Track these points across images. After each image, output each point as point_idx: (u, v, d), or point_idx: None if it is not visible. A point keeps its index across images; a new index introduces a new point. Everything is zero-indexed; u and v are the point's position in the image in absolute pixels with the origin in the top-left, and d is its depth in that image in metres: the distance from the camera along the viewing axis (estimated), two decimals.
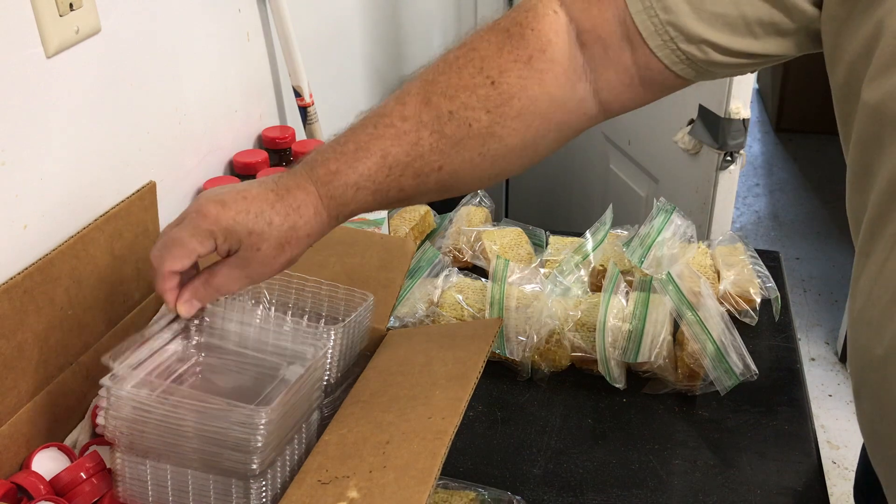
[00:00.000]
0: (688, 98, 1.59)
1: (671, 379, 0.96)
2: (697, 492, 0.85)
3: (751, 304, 1.08)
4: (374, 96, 1.80)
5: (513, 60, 0.72)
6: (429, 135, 0.72)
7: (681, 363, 0.95)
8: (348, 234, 1.02)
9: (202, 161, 1.14)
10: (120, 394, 0.70)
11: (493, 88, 0.71)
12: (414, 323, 1.04)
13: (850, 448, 2.11)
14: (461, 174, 0.74)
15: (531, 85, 0.72)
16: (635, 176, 1.89)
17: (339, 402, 0.83)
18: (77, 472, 0.76)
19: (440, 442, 0.70)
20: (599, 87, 0.74)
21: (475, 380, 0.78)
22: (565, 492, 0.85)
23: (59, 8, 0.82)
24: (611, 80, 0.74)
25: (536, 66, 0.72)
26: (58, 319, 0.80)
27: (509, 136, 0.73)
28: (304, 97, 1.32)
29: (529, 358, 0.99)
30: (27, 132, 0.81)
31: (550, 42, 0.72)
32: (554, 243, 1.21)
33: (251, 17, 1.24)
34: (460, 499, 0.79)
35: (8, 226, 0.80)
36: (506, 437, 0.93)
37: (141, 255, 0.91)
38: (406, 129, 0.72)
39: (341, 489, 0.68)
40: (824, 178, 3.39)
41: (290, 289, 0.91)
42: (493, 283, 1.08)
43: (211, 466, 0.70)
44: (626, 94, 0.75)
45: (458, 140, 0.72)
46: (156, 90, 1.02)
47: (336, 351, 0.83)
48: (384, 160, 0.72)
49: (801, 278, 2.83)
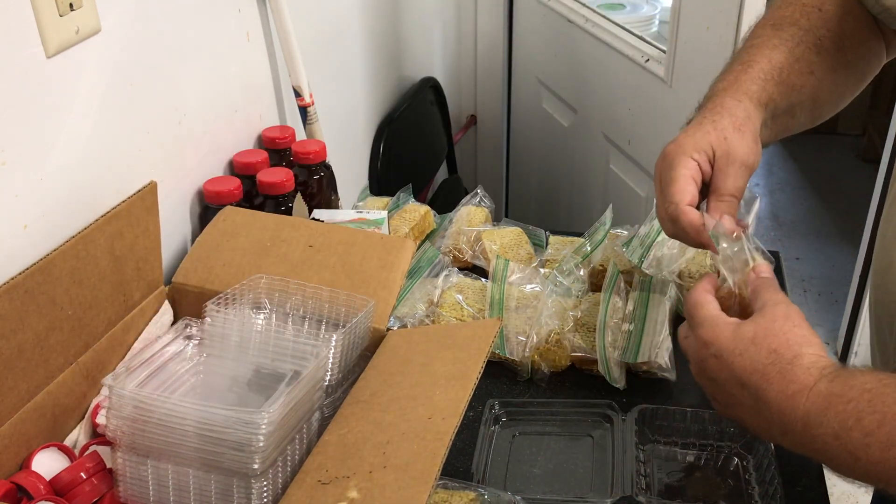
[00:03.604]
0: (688, 98, 1.59)
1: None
2: (697, 492, 0.85)
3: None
4: (374, 96, 1.80)
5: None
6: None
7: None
8: (348, 234, 1.02)
9: (202, 161, 1.14)
10: (121, 393, 0.70)
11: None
12: (414, 323, 1.04)
13: None
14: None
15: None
16: (635, 176, 1.89)
17: (339, 402, 0.83)
18: (77, 472, 0.76)
19: (440, 442, 0.70)
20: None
21: (475, 380, 0.78)
22: (565, 492, 0.85)
23: (59, 8, 0.82)
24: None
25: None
26: (58, 319, 0.80)
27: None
28: (304, 97, 1.32)
29: (529, 358, 0.99)
30: (27, 132, 0.81)
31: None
32: (554, 243, 1.21)
33: (251, 17, 1.24)
34: (460, 499, 0.79)
35: (8, 226, 0.80)
36: (506, 437, 0.93)
37: (141, 255, 0.91)
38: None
39: (341, 489, 0.68)
40: (824, 178, 3.39)
41: (290, 293, 0.91)
42: (493, 283, 1.08)
43: (212, 466, 0.70)
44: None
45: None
46: (156, 90, 1.02)
47: (337, 353, 0.83)
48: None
49: (801, 278, 2.83)
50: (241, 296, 0.88)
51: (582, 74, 2.05)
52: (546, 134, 2.32)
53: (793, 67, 0.87)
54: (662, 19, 2.15)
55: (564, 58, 2.12)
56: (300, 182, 1.20)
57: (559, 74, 2.19)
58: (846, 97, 0.93)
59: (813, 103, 0.90)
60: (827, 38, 0.88)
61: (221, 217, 1.04)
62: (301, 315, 0.91)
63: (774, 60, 0.87)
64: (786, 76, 0.87)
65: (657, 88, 1.71)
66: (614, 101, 1.91)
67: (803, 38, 0.88)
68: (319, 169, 1.24)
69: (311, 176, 1.23)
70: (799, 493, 0.84)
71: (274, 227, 1.02)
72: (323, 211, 1.20)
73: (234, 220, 1.03)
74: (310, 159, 1.22)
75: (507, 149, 2.58)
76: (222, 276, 0.97)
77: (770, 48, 0.88)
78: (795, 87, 0.87)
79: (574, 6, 2.03)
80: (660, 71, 1.69)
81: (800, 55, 0.88)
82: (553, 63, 2.20)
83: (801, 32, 0.88)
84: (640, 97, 1.79)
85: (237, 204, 1.10)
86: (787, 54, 0.87)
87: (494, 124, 2.53)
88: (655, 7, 2.21)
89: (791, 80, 0.87)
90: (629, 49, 1.80)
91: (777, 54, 0.87)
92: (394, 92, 1.94)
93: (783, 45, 0.88)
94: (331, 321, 0.91)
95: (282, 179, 1.14)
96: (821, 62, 0.88)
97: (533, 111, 2.36)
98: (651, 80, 1.73)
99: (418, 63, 2.10)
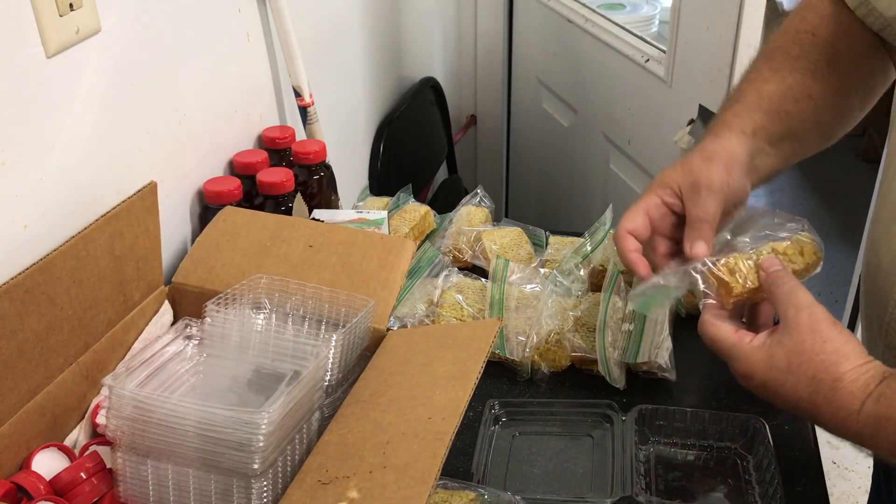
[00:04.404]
0: (688, 98, 1.59)
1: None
2: (697, 492, 0.85)
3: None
4: (374, 96, 1.80)
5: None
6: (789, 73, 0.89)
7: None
8: (348, 234, 1.02)
9: (202, 161, 1.14)
10: (121, 393, 0.70)
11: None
12: (414, 323, 1.04)
13: (850, 448, 2.10)
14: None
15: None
16: (635, 176, 1.89)
17: (339, 402, 0.83)
18: (77, 472, 0.76)
19: (440, 442, 0.70)
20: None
21: (475, 380, 0.78)
22: (565, 492, 0.85)
23: (59, 8, 0.82)
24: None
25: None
26: (58, 319, 0.80)
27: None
28: (304, 97, 1.32)
29: (529, 358, 0.99)
30: (27, 132, 0.81)
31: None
32: (554, 243, 1.21)
33: (251, 17, 1.24)
34: (460, 499, 0.79)
35: (8, 226, 0.80)
36: (506, 437, 0.93)
37: (141, 255, 0.91)
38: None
39: (341, 489, 0.68)
40: (824, 178, 3.39)
41: (290, 293, 0.91)
42: (493, 283, 1.08)
43: (212, 466, 0.70)
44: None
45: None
46: (156, 90, 1.02)
47: (337, 353, 0.83)
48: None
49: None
50: (241, 296, 0.88)
51: (582, 74, 2.05)
52: (546, 134, 2.32)
53: (785, 95, 0.89)
54: (662, 19, 2.15)
55: (564, 58, 2.12)
56: (300, 182, 1.20)
57: (559, 74, 2.19)
58: (854, 115, 0.94)
59: (817, 126, 0.92)
60: (822, 61, 0.90)
61: (221, 217, 1.04)
62: (301, 315, 0.91)
63: (763, 91, 0.89)
64: (777, 104, 0.89)
65: (657, 88, 1.71)
66: (614, 101, 1.91)
67: (795, 66, 0.90)
68: (319, 169, 1.24)
69: (311, 176, 1.23)
70: (799, 493, 0.84)
71: (274, 227, 1.02)
72: (323, 211, 1.20)
73: (234, 220, 1.03)
74: (310, 159, 1.22)
75: (507, 149, 2.58)
76: (222, 276, 0.97)
77: (761, 81, 0.90)
78: (791, 113, 0.89)
79: (574, 6, 2.03)
80: (660, 71, 1.69)
81: (793, 82, 0.89)
82: (553, 63, 2.20)
83: (793, 60, 0.90)
84: (640, 97, 1.79)
85: (237, 204, 1.10)
86: (779, 83, 0.89)
87: (494, 124, 2.53)
88: (655, 7, 2.21)
89: (784, 107, 0.89)
90: (629, 49, 1.81)
91: (767, 86, 0.90)
92: (394, 92, 1.94)
93: (774, 75, 0.90)
94: (331, 321, 0.91)
95: (282, 179, 1.14)
96: (818, 86, 0.89)
97: (533, 111, 2.36)
98: (651, 80, 1.73)
99: (418, 63, 2.10)
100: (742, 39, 1.43)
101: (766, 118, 0.88)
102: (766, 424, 0.88)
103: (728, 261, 0.80)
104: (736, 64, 1.44)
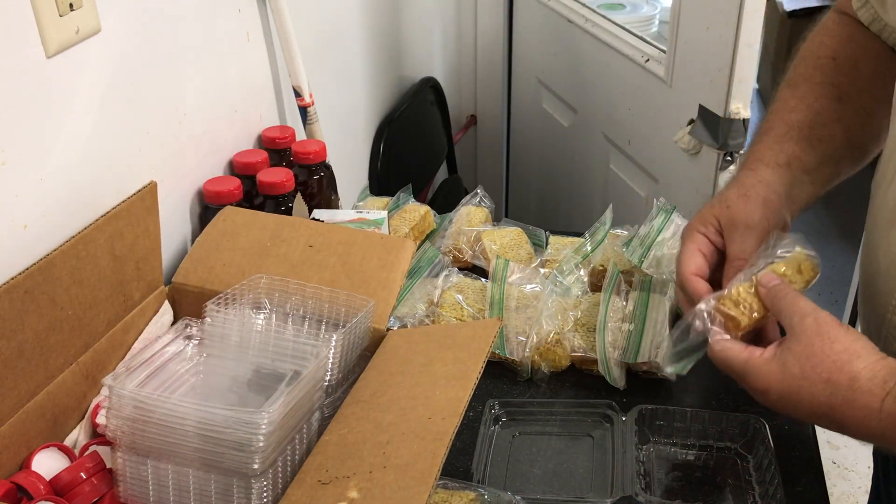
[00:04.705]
0: (688, 98, 1.59)
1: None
2: (697, 492, 0.85)
3: None
4: (374, 96, 1.80)
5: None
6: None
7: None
8: (348, 234, 1.02)
9: (202, 161, 1.14)
10: (121, 393, 0.70)
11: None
12: (414, 323, 1.04)
13: (850, 448, 2.10)
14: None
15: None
16: (635, 176, 1.89)
17: (339, 402, 0.83)
18: (77, 472, 0.76)
19: (440, 442, 0.70)
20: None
21: (475, 380, 0.78)
22: (565, 492, 0.85)
23: (59, 8, 0.82)
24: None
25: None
26: (58, 319, 0.80)
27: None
28: (304, 97, 1.32)
29: (529, 358, 0.99)
30: (27, 132, 0.81)
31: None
32: (554, 243, 1.21)
33: (251, 17, 1.24)
34: (460, 499, 0.79)
35: (8, 226, 0.80)
36: (506, 437, 0.93)
37: (141, 255, 0.91)
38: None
39: (341, 489, 0.68)
40: None
41: (290, 293, 0.91)
42: (493, 283, 1.08)
43: (212, 466, 0.70)
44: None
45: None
46: (156, 90, 1.02)
47: (337, 353, 0.83)
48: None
49: None
50: (241, 296, 0.88)
51: (582, 74, 2.05)
52: (546, 134, 2.32)
53: (814, 122, 0.89)
54: (662, 19, 2.15)
55: (564, 58, 2.12)
56: (300, 182, 1.20)
57: (559, 74, 2.19)
58: (885, 131, 0.93)
59: (850, 146, 0.92)
60: (846, 84, 0.90)
61: (221, 217, 1.04)
62: (301, 315, 0.91)
63: (791, 121, 0.89)
64: (807, 132, 0.89)
65: (657, 88, 1.71)
66: (614, 101, 1.92)
67: (821, 93, 0.90)
68: (319, 169, 1.24)
69: (311, 176, 1.23)
70: (799, 493, 0.84)
71: (274, 227, 1.02)
72: (323, 211, 1.20)
73: (234, 220, 1.03)
74: (310, 159, 1.22)
75: (507, 149, 2.58)
76: (222, 276, 0.97)
77: (787, 111, 0.90)
78: (823, 138, 0.89)
79: (574, 6, 2.03)
80: (660, 71, 1.69)
81: (819, 108, 0.89)
82: (553, 63, 2.20)
83: (817, 87, 0.90)
84: (640, 97, 1.79)
85: (237, 204, 1.10)
86: (806, 111, 0.89)
87: (494, 124, 2.53)
88: (655, 7, 2.21)
89: (815, 133, 0.89)
90: (629, 49, 1.81)
91: (794, 115, 0.90)
92: (394, 92, 1.94)
93: (800, 103, 0.90)
94: (331, 321, 0.91)
95: (282, 179, 1.14)
96: (845, 109, 0.90)
97: (533, 111, 2.36)
98: (651, 80, 1.73)
99: (418, 63, 2.10)
100: (742, 39, 1.42)
101: (798, 147, 0.88)
102: (766, 424, 0.88)
103: (731, 292, 0.80)
104: (736, 64, 1.44)
